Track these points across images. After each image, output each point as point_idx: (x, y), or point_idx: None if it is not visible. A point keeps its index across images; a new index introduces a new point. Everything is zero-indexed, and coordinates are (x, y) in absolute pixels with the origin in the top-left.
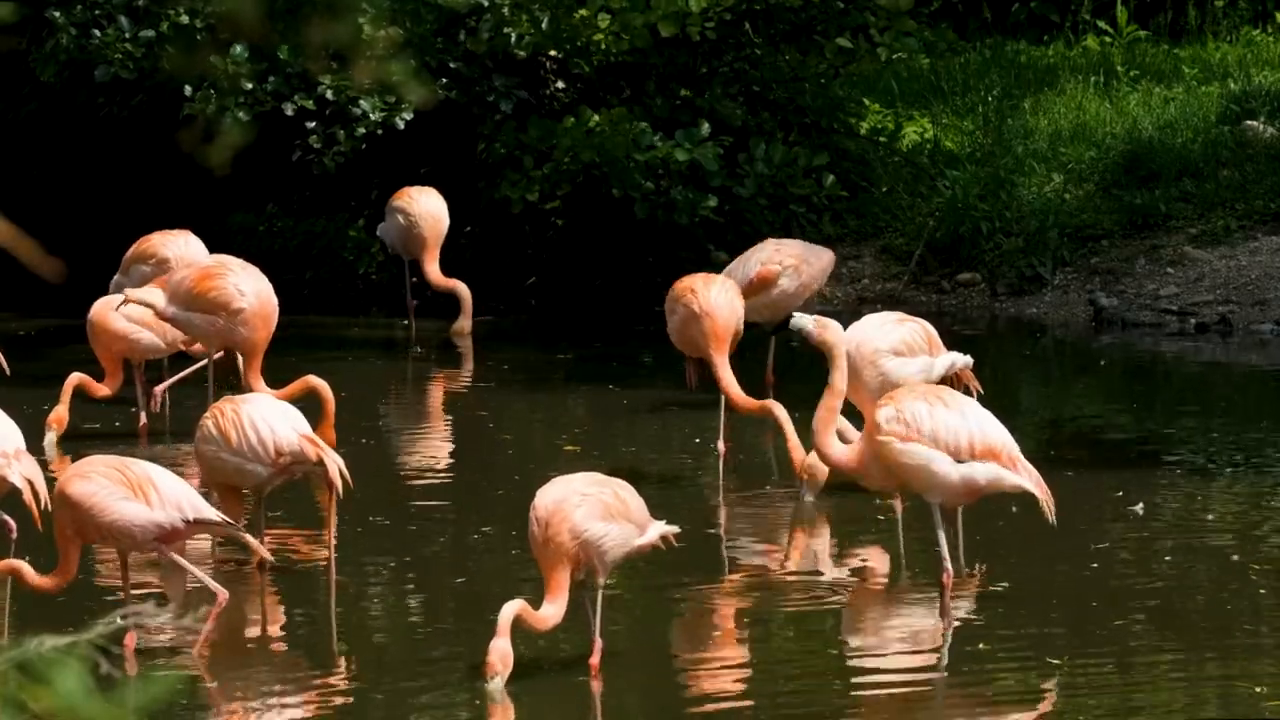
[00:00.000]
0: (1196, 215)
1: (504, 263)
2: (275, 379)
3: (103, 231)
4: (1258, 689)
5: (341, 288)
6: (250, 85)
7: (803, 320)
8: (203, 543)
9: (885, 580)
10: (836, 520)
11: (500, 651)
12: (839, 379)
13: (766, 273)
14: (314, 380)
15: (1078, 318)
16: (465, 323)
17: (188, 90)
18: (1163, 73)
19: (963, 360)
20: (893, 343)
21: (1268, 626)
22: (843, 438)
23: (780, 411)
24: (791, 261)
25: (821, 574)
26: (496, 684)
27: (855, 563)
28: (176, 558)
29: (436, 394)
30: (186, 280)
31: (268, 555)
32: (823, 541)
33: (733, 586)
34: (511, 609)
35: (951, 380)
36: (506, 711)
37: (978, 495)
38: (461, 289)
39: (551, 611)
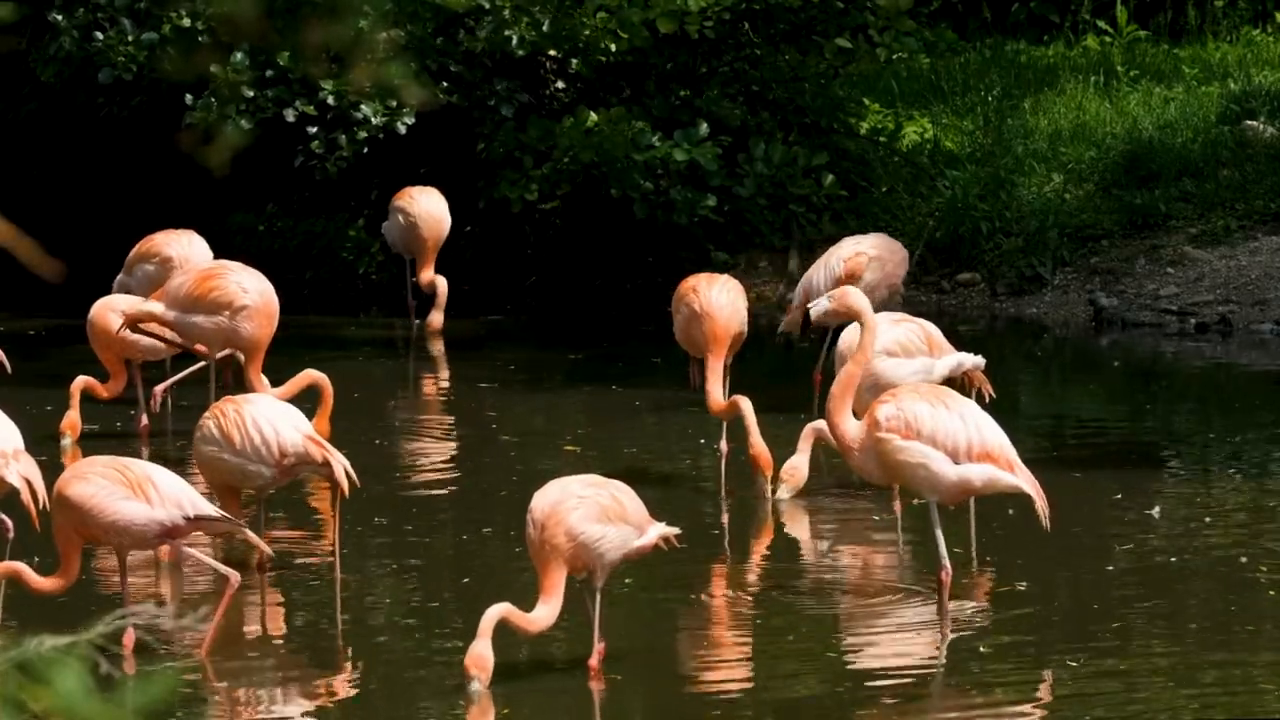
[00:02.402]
0: (1196, 215)
1: (504, 263)
2: (276, 379)
3: (103, 231)
4: (1277, 691)
5: (341, 288)
6: (251, 93)
7: (818, 304)
8: (204, 542)
9: (885, 580)
10: (836, 520)
11: (477, 655)
12: (869, 339)
13: (854, 265)
14: (313, 374)
15: (1078, 318)
16: (437, 316)
17: (189, 99)
18: (1163, 73)
19: (971, 361)
20: (885, 343)
21: (1272, 627)
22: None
23: (747, 407)
24: (874, 253)
25: (822, 574)
26: (476, 687)
27: (855, 562)
28: (186, 549)
29: (437, 394)
30: (186, 284)
31: (269, 551)
32: (823, 541)
33: (733, 586)
34: (496, 612)
35: (961, 382)
36: (506, 712)
37: (973, 495)
38: (439, 282)
39: (544, 614)
